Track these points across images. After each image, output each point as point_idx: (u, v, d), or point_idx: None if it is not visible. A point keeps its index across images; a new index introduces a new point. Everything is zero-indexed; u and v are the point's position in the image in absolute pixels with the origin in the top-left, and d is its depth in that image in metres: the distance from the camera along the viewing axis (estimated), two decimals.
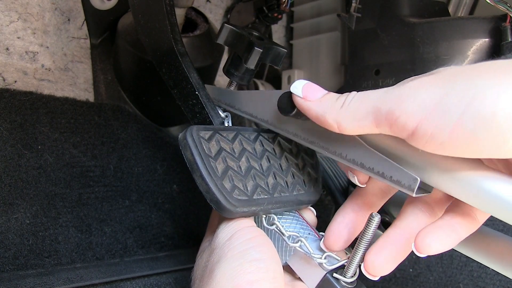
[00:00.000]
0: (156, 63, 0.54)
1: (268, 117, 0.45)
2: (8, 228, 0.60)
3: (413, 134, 0.29)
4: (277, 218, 0.44)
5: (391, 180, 0.35)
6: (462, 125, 0.27)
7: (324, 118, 0.35)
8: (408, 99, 0.29)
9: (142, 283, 0.62)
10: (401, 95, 0.29)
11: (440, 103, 0.27)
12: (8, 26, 0.70)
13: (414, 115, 0.28)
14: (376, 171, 0.36)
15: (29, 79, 0.73)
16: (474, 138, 0.27)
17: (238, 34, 0.49)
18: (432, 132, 0.28)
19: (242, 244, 0.38)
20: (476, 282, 0.64)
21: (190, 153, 0.39)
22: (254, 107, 0.46)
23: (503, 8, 0.55)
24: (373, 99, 0.31)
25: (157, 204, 0.78)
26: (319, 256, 0.42)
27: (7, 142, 0.64)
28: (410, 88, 0.29)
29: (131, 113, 0.82)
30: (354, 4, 0.70)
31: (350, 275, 0.41)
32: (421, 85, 0.29)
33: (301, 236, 0.43)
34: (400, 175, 0.35)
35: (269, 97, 0.44)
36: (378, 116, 0.31)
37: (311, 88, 0.37)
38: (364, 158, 0.37)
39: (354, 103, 0.33)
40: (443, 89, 0.28)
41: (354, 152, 0.37)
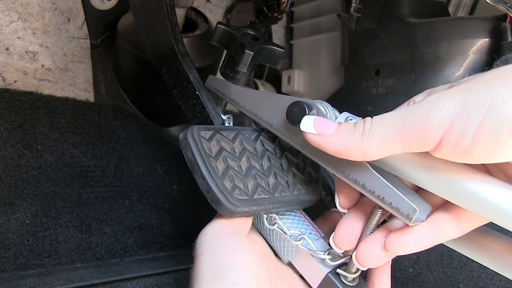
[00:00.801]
0: (156, 63, 0.54)
1: (274, 122, 0.44)
2: (8, 228, 0.60)
3: (439, 145, 0.29)
4: (278, 218, 0.44)
5: (390, 206, 0.36)
6: (484, 129, 0.27)
7: (346, 151, 0.33)
8: (432, 112, 0.29)
9: (142, 283, 0.62)
10: (423, 110, 0.29)
11: (462, 110, 0.28)
12: (8, 26, 0.70)
13: (440, 127, 0.28)
14: (376, 194, 0.36)
15: (29, 79, 0.73)
16: (496, 141, 0.27)
17: (231, 35, 0.48)
18: (456, 139, 0.28)
19: (221, 261, 0.37)
20: (476, 282, 0.64)
21: (191, 153, 0.39)
22: (259, 108, 0.45)
23: (503, 8, 0.55)
24: (395, 120, 0.31)
25: (157, 204, 0.78)
26: (322, 253, 0.42)
27: (7, 142, 0.64)
28: (432, 102, 0.29)
29: (131, 113, 0.82)
30: (354, 4, 0.70)
31: (353, 271, 0.41)
32: (441, 97, 0.29)
33: (303, 234, 0.43)
34: (400, 203, 0.35)
35: (278, 101, 0.43)
36: (405, 136, 0.30)
37: (323, 122, 0.35)
38: (366, 180, 0.36)
39: (376, 129, 0.32)
40: (463, 96, 0.28)
41: (358, 173, 0.37)
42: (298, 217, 0.46)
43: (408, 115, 0.30)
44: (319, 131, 0.35)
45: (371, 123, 0.32)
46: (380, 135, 0.31)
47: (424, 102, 0.30)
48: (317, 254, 0.42)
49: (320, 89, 0.87)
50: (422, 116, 0.29)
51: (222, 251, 0.38)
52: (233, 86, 0.48)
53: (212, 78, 0.51)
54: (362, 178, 0.37)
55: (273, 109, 0.43)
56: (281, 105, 0.42)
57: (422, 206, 0.37)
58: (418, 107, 0.30)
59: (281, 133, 0.43)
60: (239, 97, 0.48)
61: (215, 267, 0.37)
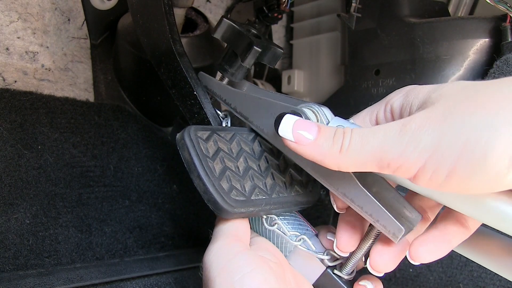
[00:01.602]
0: (154, 63, 0.54)
1: (264, 127, 0.44)
2: (8, 228, 0.60)
3: (414, 177, 0.30)
4: (278, 219, 0.44)
5: (377, 223, 0.36)
6: (457, 170, 0.28)
7: (323, 162, 0.34)
8: (408, 148, 0.29)
9: (142, 283, 0.62)
10: (401, 143, 0.30)
11: (436, 150, 0.28)
12: (8, 26, 0.70)
13: (415, 164, 0.29)
14: (365, 210, 0.37)
15: (29, 79, 0.73)
16: (469, 180, 0.28)
17: (237, 31, 0.48)
18: (431, 176, 0.29)
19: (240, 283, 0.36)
20: (476, 282, 0.64)
21: (188, 153, 0.39)
22: (250, 111, 0.45)
23: (503, 8, 0.55)
24: (373, 147, 0.31)
25: (157, 204, 0.78)
26: (321, 253, 0.43)
27: (7, 142, 0.64)
28: (410, 135, 0.30)
29: (131, 113, 0.82)
30: (354, 4, 0.70)
31: (348, 272, 0.42)
32: (419, 129, 0.29)
33: (301, 234, 0.44)
34: (387, 221, 0.36)
35: (268, 107, 0.43)
36: (380, 163, 0.31)
37: (303, 128, 0.34)
38: (355, 196, 0.37)
39: (354, 149, 0.32)
40: (438, 132, 0.28)
41: (347, 188, 0.37)
42: (294, 216, 0.46)
43: (386, 145, 0.30)
44: (297, 139, 0.34)
45: (350, 138, 0.32)
46: (357, 156, 0.32)
47: (402, 133, 0.30)
48: (316, 254, 0.43)
49: (320, 89, 0.87)
50: (399, 150, 0.30)
51: (239, 271, 0.37)
52: (225, 86, 0.48)
53: (203, 75, 0.51)
54: (351, 194, 0.37)
55: (263, 115, 0.43)
56: (271, 111, 0.42)
57: (411, 216, 0.38)
58: (397, 137, 0.30)
59: (271, 139, 0.43)
60: (231, 98, 0.48)
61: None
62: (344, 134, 0.33)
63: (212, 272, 0.38)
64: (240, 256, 0.38)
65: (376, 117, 0.39)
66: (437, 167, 0.29)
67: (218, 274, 0.37)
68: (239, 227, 0.42)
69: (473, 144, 0.27)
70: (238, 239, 0.41)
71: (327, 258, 0.43)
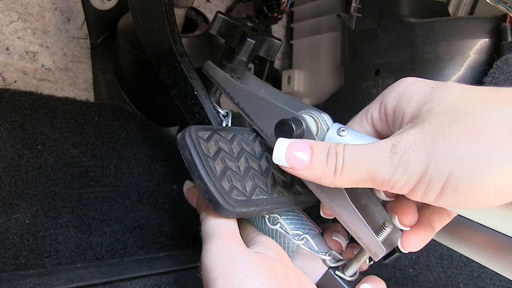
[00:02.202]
0: (155, 63, 0.54)
1: (264, 128, 0.44)
2: (8, 228, 0.60)
3: (407, 194, 0.32)
4: (281, 218, 0.44)
5: (360, 240, 0.38)
6: (444, 194, 0.30)
7: (319, 183, 0.36)
8: (398, 171, 0.31)
9: (142, 283, 0.62)
10: (391, 165, 0.31)
11: (423, 176, 0.30)
12: (8, 26, 0.70)
13: (405, 185, 0.31)
14: (350, 226, 0.38)
15: (29, 79, 0.73)
16: (457, 203, 0.30)
17: (231, 25, 0.48)
18: (422, 196, 0.31)
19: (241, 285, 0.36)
20: (476, 282, 0.64)
21: (189, 153, 0.39)
22: (252, 110, 0.45)
23: (503, 8, 0.55)
24: (365, 167, 0.33)
25: (157, 204, 0.78)
26: (323, 253, 0.43)
27: (7, 142, 0.64)
28: (399, 157, 0.31)
29: (131, 113, 0.82)
30: (354, 4, 0.70)
31: (351, 273, 0.42)
32: (408, 152, 0.31)
33: (304, 234, 0.44)
34: (370, 241, 0.38)
35: (270, 109, 0.43)
36: (374, 182, 0.33)
37: (296, 151, 0.36)
38: (343, 211, 0.38)
39: (347, 170, 0.33)
40: (426, 158, 0.30)
41: (337, 202, 0.38)
42: (297, 214, 0.46)
43: (378, 166, 0.32)
44: (291, 165, 0.36)
45: (342, 159, 0.34)
46: (351, 177, 0.33)
47: (392, 155, 0.31)
48: (318, 254, 0.43)
49: (320, 89, 0.87)
50: (390, 172, 0.31)
51: (239, 273, 0.37)
52: (230, 79, 0.48)
53: (210, 64, 0.50)
54: (340, 209, 0.38)
55: (265, 115, 0.43)
56: (273, 113, 0.42)
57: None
58: (387, 159, 0.32)
59: (270, 140, 0.44)
60: (234, 92, 0.47)
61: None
62: (336, 155, 0.34)
63: (212, 274, 0.38)
64: (240, 257, 0.38)
65: (371, 118, 0.39)
66: (426, 190, 0.31)
67: (219, 276, 0.37)
68: (232, 224, 0.42)
69: (458, 176, 0.29)
70: (235, 238, 0.41)
71: (329, 259, 0.43)
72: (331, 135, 0.39)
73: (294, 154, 0.36)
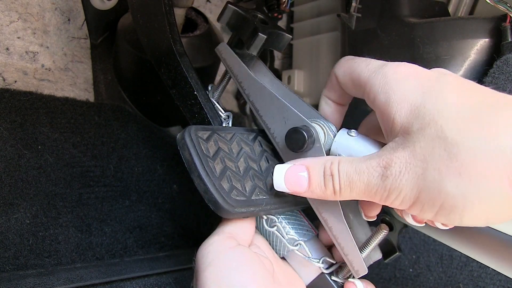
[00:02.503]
0: (155, 63, 0.54)
1: (272, 127, 0.43)
2: (8, 228, 0.60)
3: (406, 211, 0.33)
4: (277, 220, 0.44)
5: (345, 256, 0.40)
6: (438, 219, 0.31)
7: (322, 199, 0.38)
8: (391, 195, 0.32)
9: (142, 283, 0.62)
10: (385, 187, 0.32)
11: (416, 202, 0.31)
12: (8, 26, 0.70)
13: (401, 205, 0.32)
14: (338, 241, 0.40)
15: (29, 79, 0.73)
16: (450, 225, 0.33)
17: (242, 17, 0.47)
18: (420, 216, 0.33)
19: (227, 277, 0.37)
20: (476, 282, 0.64)
21: (188, 153, 0.39)
22: (263, 105, 0.44)
23: (503, 8, 0.55)
24: (360, 188, 0.34)
25: (157, 204, 0.78)
26: (317, 260, 0.43)
27: (7, 142, 0.64)
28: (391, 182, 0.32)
29: (131, 113, 0.82)
30: (354, 4, 0.70)
31: (345, 276, 0.43)
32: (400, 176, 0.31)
33: (299, 239, 0.44)
34: (355, 259, 0.39)
35: (282, 109, 0.42)
36: (371, 199, 0.34)
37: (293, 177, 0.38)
38: (335, 225, 0.39)
39: (345, 192, 0.35)
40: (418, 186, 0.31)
41: (330, 216, 0.40)
42: (295, 216, 0.46)
43: (372, 188, 0.33)
44: (293, 191, 0.38)
45: (338, 181, 0.35)
46: (350, 195, 0.35)
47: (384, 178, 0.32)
48: (312, 261, 0.43)
49: (320, 89, 0.86)
50: (384, 195, 0.32)
51: (227, 266, 0.38)
52: (246, 69, 0.46)
53: (226, 47, 0.48)
54: (332, 222, 0.39)
55: (275, 115, 0.43)
56: (284, 116, 0.42)
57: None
58: (380, 182, 0.32)
59: (275, 142, 0.43)
60: (246, 83, 0.46)
61: (221, 283, 0.36)
62: (332, 177, 0.35)
63: (202, 265, 0.38)
64: (231, 251, 0.39)
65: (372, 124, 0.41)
66: (421, 213, 0.32)
67: (207, 267, 0.38)
68: (239, 227, 0.42)
69: (449, 209, 0.30)
70: (233, 237, 0.41)
71: (323, 266, 0.43)
72: (339, 138, 0.40)
73: (293, 181, 0.37)
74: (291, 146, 0.39)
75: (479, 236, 0.43)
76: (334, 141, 0.40)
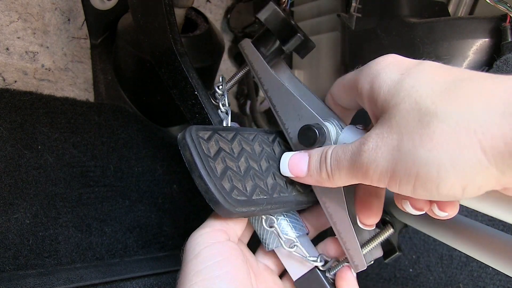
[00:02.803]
0: (155, 63, 0.54)
1: (287, 123, 0.45)
2: (8, 228, 0.60)
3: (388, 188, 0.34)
4: (276, 222, 0.44)
5: (347, 251, 0.42)
6: (416, 191, 0.31)
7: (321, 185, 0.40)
8: (369, 170, 0.33)
9: (142, 283, 0.62)
10: (363, 163, 0.33)
11: (393, 175, 0.32)
12: (8, 26, 0.70)
13: (380, 181, 0.33)
14: (342, 236, 0.42)
15: (29, 79, 0.73)
16: (429, 198, 0.31)
17: (281, 16, 0.49)
18: (399, 190, 0.32)
19: (209, 270, 0.38)
20: (476, 282, 0.64)
21: (189, 153, 0.39)
22: (280, 102, 0.46)
23: (503, 8, 0.55)
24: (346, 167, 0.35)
25: (157, 204, 0.78)
26: (314, 259, 0.44)
27: (7, 142, 0.64)
28: (367, 156, 0.33)
29: (131, 113, 0.82)
30: (354, 4, 0.70)
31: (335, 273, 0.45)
32: (376, 151, 0.32)
33: (296, 233, 0.45)
34: (356, 254, 0.42)
35: (298, 107, 0.44)
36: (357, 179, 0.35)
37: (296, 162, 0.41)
38: (339, 219, 0.42)
39: (335, 173, 0.37)
40: (393, 159, 0.31)
41: (335, 211, 0.42)
42: (294, 216, 0.47)
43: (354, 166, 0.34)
44: (295, 175, 0.41)
45: (330, 164, 0.37)
46: (340, 177, 0.37)
47: (362, 153, 0.33)
48: (309, 260, 0.44)
49: (320, 89, 0.87)
50: (363, 171, 0.33)
51: (211, 259, 0.39)
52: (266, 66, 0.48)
53: (249, 44, 0.50)
54: (337, 217, 0.42)
55: (291, 112, 0.45)
56: (299, 113, 0.44)
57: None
58: (359, 159, 0.33)
59: (289, 138, 0.45)
60: (266, 80, 0.48)
61: (203, 276, 0.38)
62: (326, 159, 0.37)
63: (188, 256, 0.40)
64: (217, 245, 0.40)
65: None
66: (399, 187, 0.32)
67: (192, 259, 0.39)
68: (232, 220, 0.43)
69: (424, 179, 0.30)
70: (224, 230, 0.42)
71: (320, 265, 0.44)
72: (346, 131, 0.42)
73: (295, 165, 0.41)
74: (303, 141, 0.41)
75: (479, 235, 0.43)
76: (341, 133, 0.42)
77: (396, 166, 0.31)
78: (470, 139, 0.28)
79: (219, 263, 0.38)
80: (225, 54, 0.98)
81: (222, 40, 0.81)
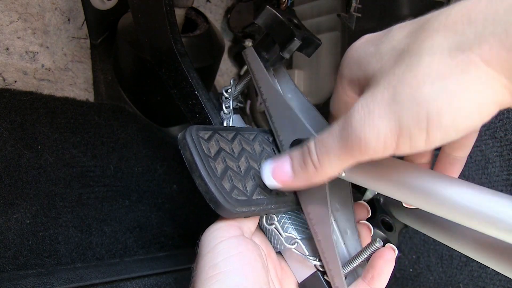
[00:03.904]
0: (155, 63, 0.54)
1: (281, 134, 0.45)
2: (8, 228, 0.60)
3: (396, 154, 0.30)
4: (276, 219, 0.44)
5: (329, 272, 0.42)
6: (431, 137, 0.27)
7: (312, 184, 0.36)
8: (370, 137, 0.29)
9: (142, 283, 0.62)
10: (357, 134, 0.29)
11: (401, 128, 0.28)
12: (8, 26, 0.70)
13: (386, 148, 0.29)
14: (325, 256, 0.41)
15: (29, 79, 0.73)
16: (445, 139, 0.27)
17: (279, 20, 0.48)
18: (410, 149, 0.29)
19: (224, 264, 0.37)
20: (476, 282, 0.64)
21: (189, 153, 0.39)
22: (276, 113, 0.46)
23: None
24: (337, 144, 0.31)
25: (157, 204, 0.78)
26: (314, 259, 0.44)
27: (7, 142, 0.64)
28: (362, 124, 0.29)
29: (131, 113, 0.82)
30: (354, 4, 0.70)
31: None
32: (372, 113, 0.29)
33: (298, 236, 0.44)
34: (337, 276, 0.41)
35: (293, 120, 0.44)
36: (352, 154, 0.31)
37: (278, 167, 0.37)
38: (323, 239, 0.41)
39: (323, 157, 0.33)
40: (394, 111, 0.28)
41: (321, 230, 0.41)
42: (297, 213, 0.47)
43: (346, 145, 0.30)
44: (280, 181, 0.37)
45: (315, 151, 0.33)
46: (330, 163, 0.33)
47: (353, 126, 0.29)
48: (308, 259, 0.43)
49: (320, 89, 0.87)
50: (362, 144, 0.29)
51: (227, 253, 0.38)
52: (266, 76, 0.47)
53: (252, 52, 0.49)
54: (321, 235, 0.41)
55: (286, 124, 0.44)
56: (294, 126, 0.43)
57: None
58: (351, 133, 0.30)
59: (282, 149, 0.45)
60: (265, 89, 0.47)
61: (220, 269, 0.37)
62: (309, 152, 0.34)
63: (204, 250, 0.39)
64: (232, 239, 0.39)
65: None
66: (411, 142, 0.28)
67: (207, 253, 0.39)
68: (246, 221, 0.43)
69: (437, 115, 0.26)
70: (239, 225, 0.42)
71: (319, 264, 0.44)
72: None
73: (278, 169, 0.37)
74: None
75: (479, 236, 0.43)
76: None
77: (402, 119, 0.28)
78: (468, 57, 0.26)
79: (235, 257, 0.38)
80: (225, 54, 0.98)
81: (222, 40, 0.81)
